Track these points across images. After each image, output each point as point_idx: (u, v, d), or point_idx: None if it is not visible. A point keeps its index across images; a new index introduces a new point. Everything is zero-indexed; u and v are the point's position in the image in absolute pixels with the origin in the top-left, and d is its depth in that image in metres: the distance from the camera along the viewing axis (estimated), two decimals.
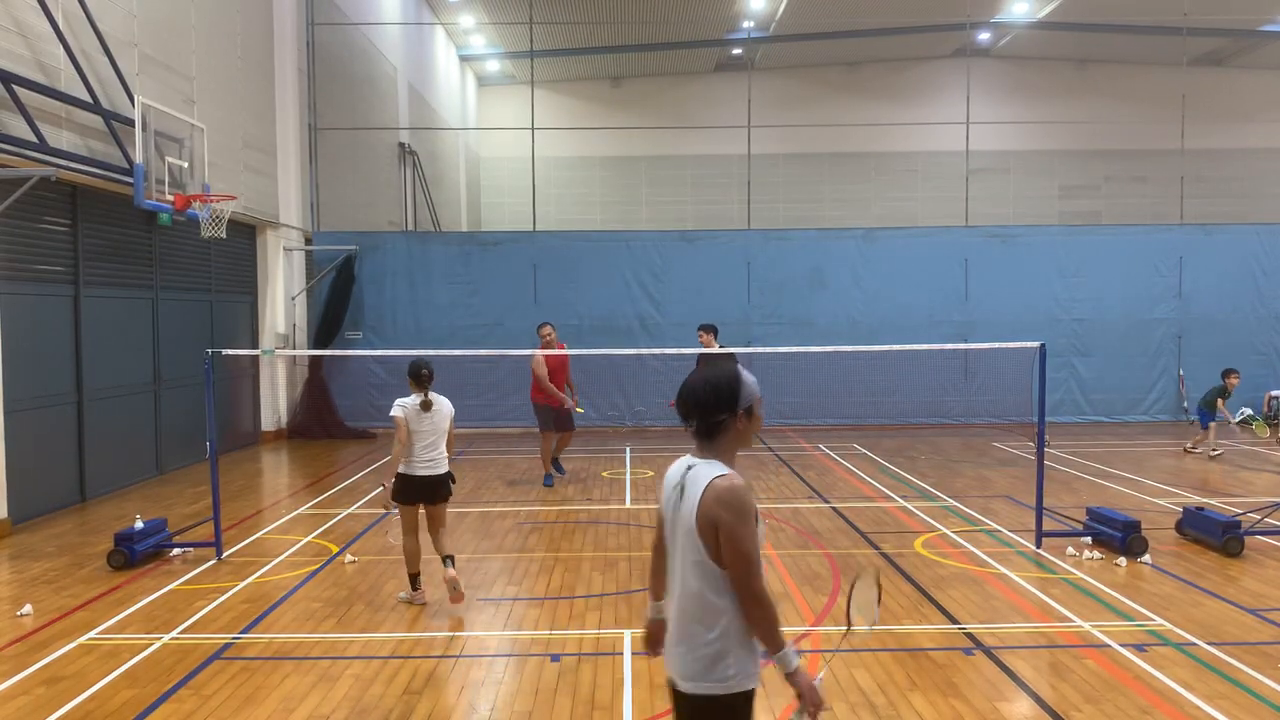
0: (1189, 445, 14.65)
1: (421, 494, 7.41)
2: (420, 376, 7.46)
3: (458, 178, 29.93)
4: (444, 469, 7.50)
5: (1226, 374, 14.29)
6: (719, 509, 3.01)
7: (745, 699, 3.11)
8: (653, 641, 3.57)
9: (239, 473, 13.66)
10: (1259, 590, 7.47)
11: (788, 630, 6.60)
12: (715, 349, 12.16)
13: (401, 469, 7.34)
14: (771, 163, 29.26)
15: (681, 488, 3.15)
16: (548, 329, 12.09)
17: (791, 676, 3.07)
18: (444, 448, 7.53)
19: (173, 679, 5.87)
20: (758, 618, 3.03)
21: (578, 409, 12.40)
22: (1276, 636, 6.46)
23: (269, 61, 16.55)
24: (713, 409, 3.14)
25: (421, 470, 7.38)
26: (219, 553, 8.73)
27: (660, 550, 3.40)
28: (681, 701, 3.16)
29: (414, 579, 7.38)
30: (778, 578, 7.92)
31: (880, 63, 31.93)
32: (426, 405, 7.40)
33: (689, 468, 3.17)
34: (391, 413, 7.35)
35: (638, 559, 8.61)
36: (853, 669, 5.89)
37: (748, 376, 3.21)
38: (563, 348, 12.28)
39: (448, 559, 7.38)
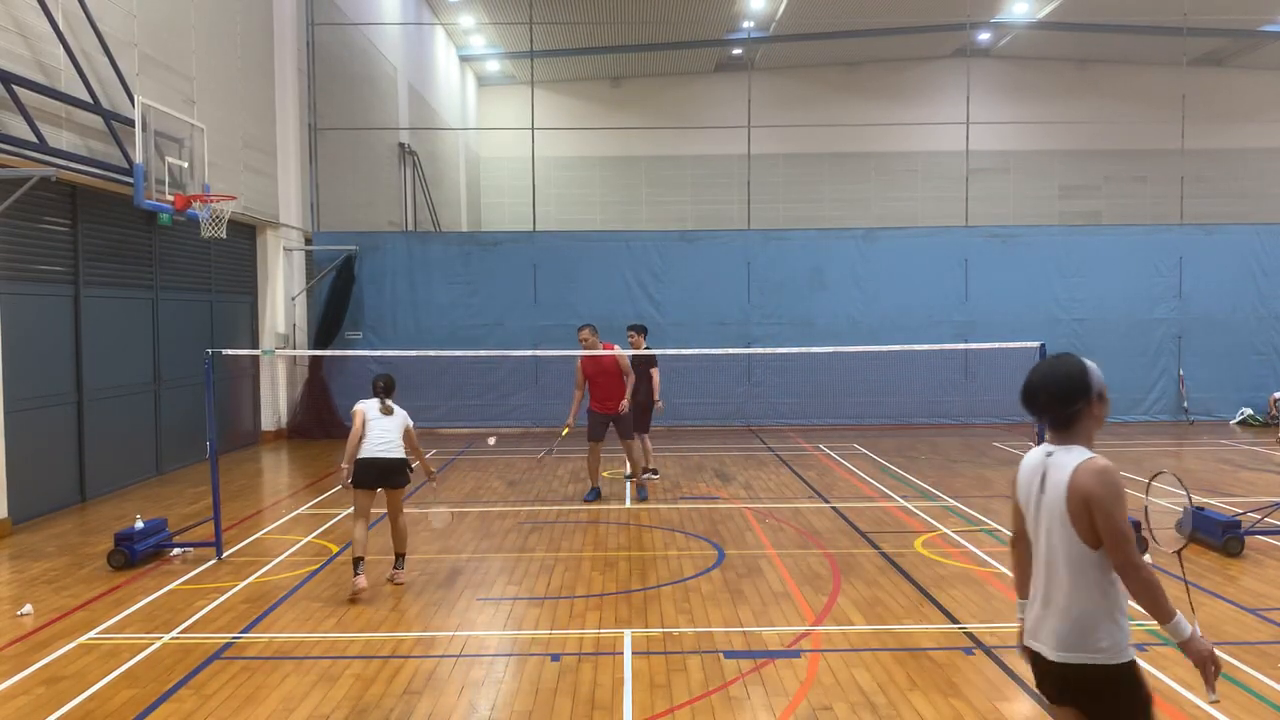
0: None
1: (377, 477, 7.67)
2: (374, 387, 7.96)
3: (458, 178, 29.93)
4: (397, 454, 7.73)
5: None
6: (1095, 489, 3.16)
7: (1126, 670, 3.23)
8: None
9: (239, 473, 13.66)
10: (1259, 590, 7.47)
11: (785, 630, 6.63)
12: (644, 350, 12.00)
13: (359, 455, 7.64)
14: (771, 163, 29.25)
15: (1043, 475, 3.33)
16: (584, 332, 11.20)
17: (1186, 645, 3.16)
18: (397, 439, 7.77)
19: (173, 679, 5.87)
20: (1141, 589, 3.15)
21: (564, 430, 11.34)
22: (1276, 636, 6.46)
23: (269, 61, 16.55)
24: (1069, 400, 3.29)
25: (376, 453, 7.64)
26: (219, 552, 8.73)
27: (1021, 543, 3.56)
28: (1054, 670, 3.32)
29: (356, 563, 7.50)
30: (778, 577, 7.92)
31: (880, 63, 31.93)
32: (387, 410, 7.84)
33: (1048, 455, 3.34)
34: (354, 407, 7.87)
35: (637, 559, 8.62)
36: (853, 669, 5.89)
37: (1090, 364, 3.35)
38: (611, 348, 11.26)
39: (399, 558, 7.87)
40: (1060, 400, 3.29)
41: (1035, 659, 3.41)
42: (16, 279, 10.28)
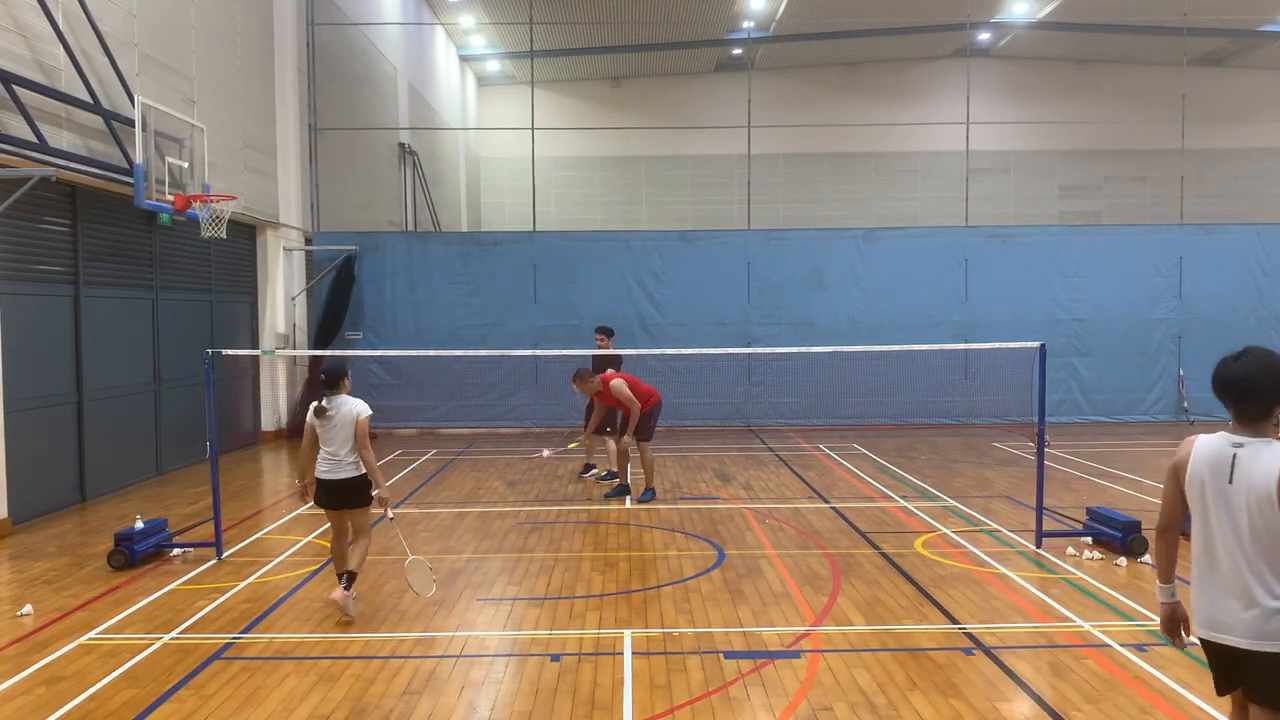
0: None
1: (326, 497, 7.03)
2: (320, 379, 7.15)
3: (458, 178, 29.94)
4: (346, 474, 6.91)
5: None
6: None
7: None
8: (1175, 623, 3.83)
9: (239, 473, 13.66)
10: None
11: (785, 631, 6.63)
12: (610, 351, 12.25)
13: (316, 471, 7.06)
14: (771, 163, 29.26)
15: (1233, 465, 3.42)
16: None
17: None
18: (348, 452, 6.90)
19: (173, 679, 5.87)
20: None
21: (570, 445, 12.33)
22: None
23: (269, 61, 16.55)
24: (1273, 395, 3.42)
25: (322, 472, 6.98)
26: (219, 553, 8.73)
27: (1172, 531, 3.77)
28: (1245, 660, 3.45)
29: (340, 577, 7.06)
30: (778, 578, 7.92)
31: (880, 63, 31.93)
32: (320, 412, 6.93)
33: (1238, 445, 3.44)
34: None
35: (637, 559, 8.62)
36: (853, 669, 5.89)
37: None
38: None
39: (345, 576, 6.93)
40: (1266, 396, 3.41)
41: (1215, 649, 3.52)
42: (16, 279, 10.28)
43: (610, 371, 11.32)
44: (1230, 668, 3.55)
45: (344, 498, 6.98)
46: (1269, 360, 3.42)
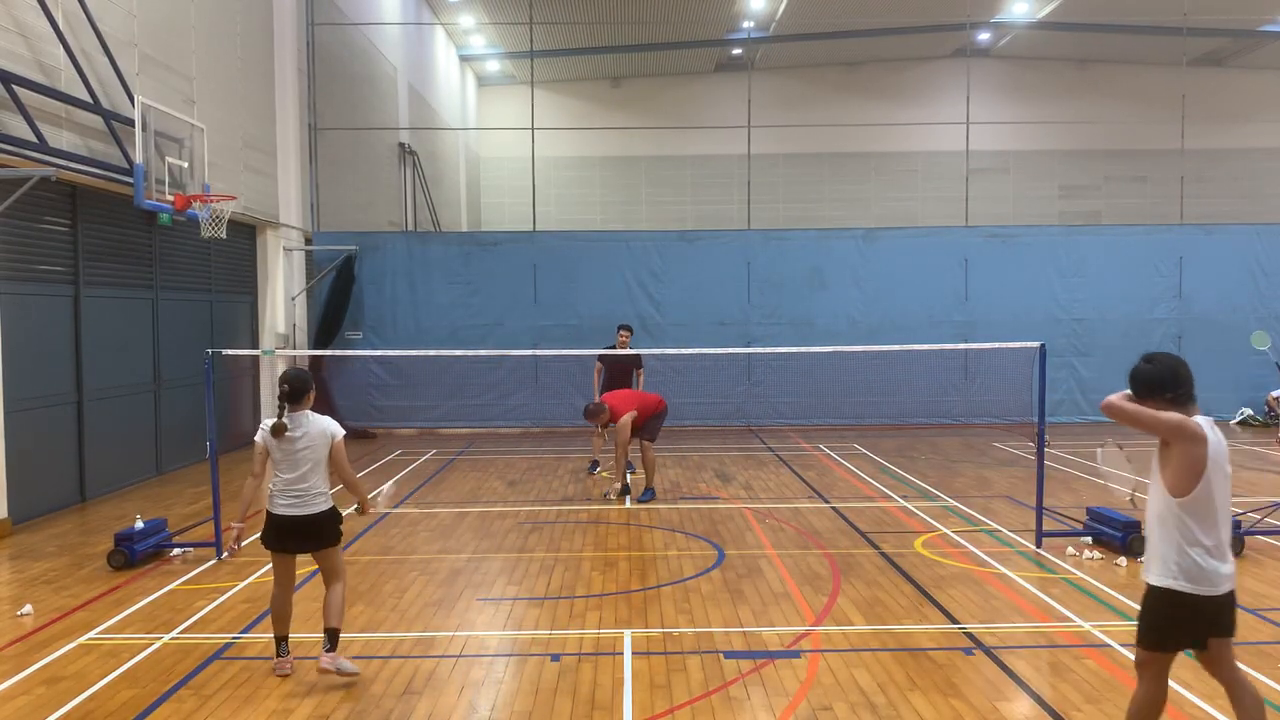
0: None
1: (287, 539, 5.75)
2: (280, 390, 5.84)
3: (458, 178, 29.93)
4: (318, 507, 5.75)
5: None
6: None
7: None
8: None
9: (239, 473, 13.63)
10: (1259, 590, 7.47)
11: (785, 631, 6.63)
12: (630, 351, 12.79)
13: (268, 504, 5.82)
14: (771, 163, 29.25)
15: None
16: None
17: None
18: (319, 481, 5.77)
19: (173, 679, 5.87)
20: None
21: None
22: (1276, 636, 6.47)
23: (269, 61, 16.55)
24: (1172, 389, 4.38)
25: (282, 507, 5.72)
26: (219, 553, 8.73)
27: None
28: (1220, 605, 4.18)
29: (279, 642, 5.87)
30: (778, 578, 7.92)
31: (880, 63, 31.92)
32: (279, 430, 5.72)
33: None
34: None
35: (637, 559, 8.62)
36: (853, 669, 5.89)
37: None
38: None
39: (329, 634, 5.70)
40: None
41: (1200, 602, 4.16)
42: (16, 279, 10.28)
43: (613, 397, 11.41)
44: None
45: (316, 536, 5.76)
46: (1174, 364, 4.40)
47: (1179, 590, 4.12)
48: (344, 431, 5.99)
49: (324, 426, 5.85)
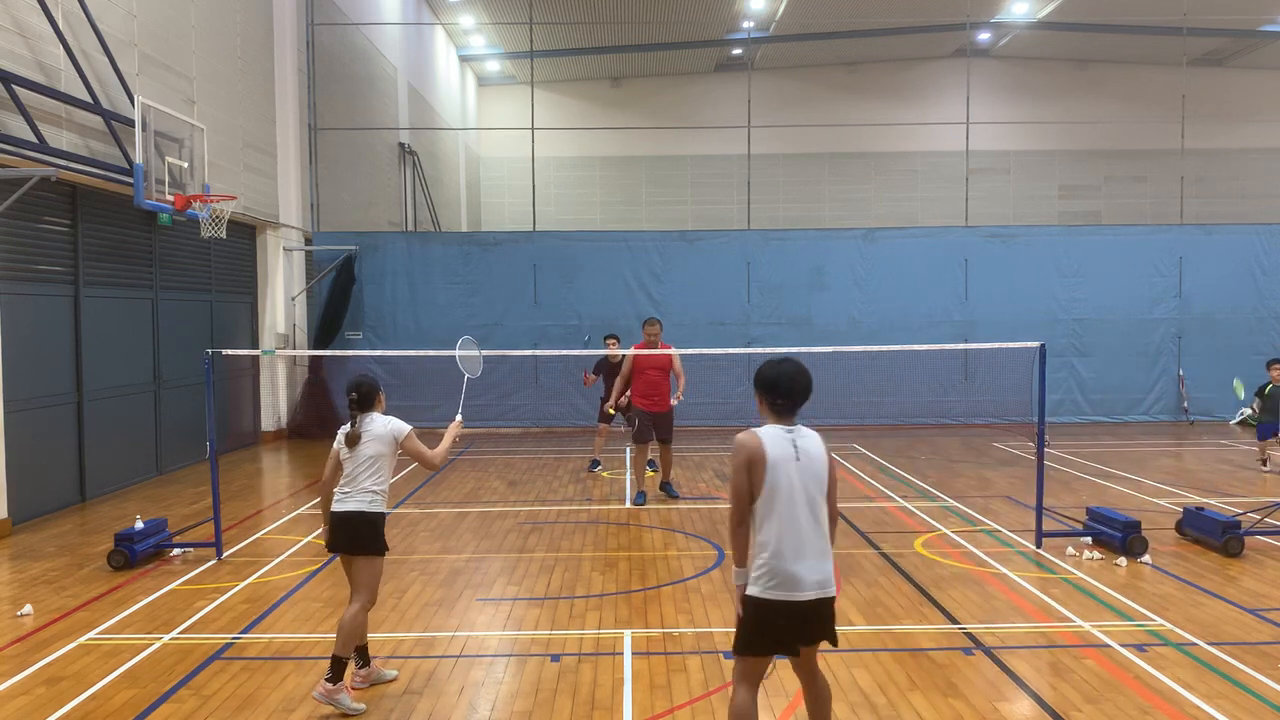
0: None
1: (337, 534, 5.63)
2: (349, 399, 5.78)
3: (458, 178, 29.94)
4: (356, 504, 5.58)
5: (1271, 365, 13.03)
6: None
7: None
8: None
9: (239, 473, 13.65)
10: (1259, 590, 7.47)
11: None
12: (619, 351, 12.58)
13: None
14: (771, 163, 29.27)
15: (796, 448, 4.40)
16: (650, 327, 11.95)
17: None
18: (370, 480, 5.64)
19: (173, 679, 5.87)
20: None
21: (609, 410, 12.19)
22: (1276, 636, 6.46)
23: (269, 61, 16.55)
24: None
25: (335, 502, 5.66)
26: (219, 553, 8.73)
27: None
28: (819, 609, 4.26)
29: (339, 662, 5.39)
30: None
31: (880, 63, 31.94)
32: (353, 439, 5.68)
33: (791, 432, 4.51)
34: None
35: (637, 559, 8.62)
36: (853, 669, 5.89)
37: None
38: (667, 347, 11.81)
39: (359, 654, 5.61)
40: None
41: (796, 608, 4.22)
42: (16, 279, 10.28)
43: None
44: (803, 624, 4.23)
45: (352, 536, 5.57)
46: (804, 370, 4.61)
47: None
48: (409, 427, 5.81)
49: (385, 429, 5.73)
